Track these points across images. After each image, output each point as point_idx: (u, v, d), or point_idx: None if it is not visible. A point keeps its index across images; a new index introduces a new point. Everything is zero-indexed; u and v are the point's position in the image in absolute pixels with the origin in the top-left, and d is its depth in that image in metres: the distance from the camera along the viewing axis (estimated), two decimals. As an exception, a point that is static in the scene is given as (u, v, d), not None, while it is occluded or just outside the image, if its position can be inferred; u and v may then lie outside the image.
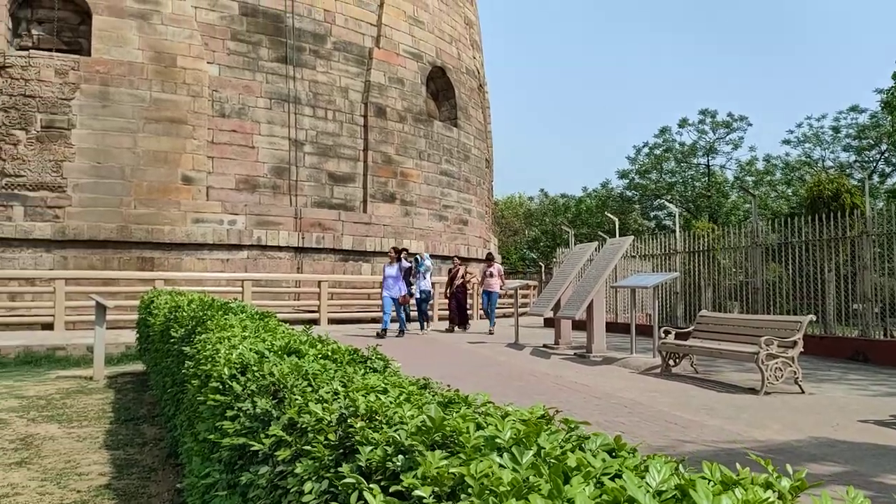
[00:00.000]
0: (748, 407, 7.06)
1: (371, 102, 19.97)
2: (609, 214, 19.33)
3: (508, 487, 1.07)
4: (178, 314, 5.45)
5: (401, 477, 1.27)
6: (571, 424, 1.47)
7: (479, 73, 26.37)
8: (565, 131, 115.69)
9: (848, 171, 36.13)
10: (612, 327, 14.46)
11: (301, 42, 18.78)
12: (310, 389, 2.06)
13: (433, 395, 1.96)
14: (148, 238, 16.20)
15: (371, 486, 1.31)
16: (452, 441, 1.35)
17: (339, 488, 1.42)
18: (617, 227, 16.74)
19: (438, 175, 22.00)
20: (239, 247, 17.28)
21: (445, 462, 1.21)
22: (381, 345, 3.28)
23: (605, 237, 16.81)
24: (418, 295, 15.16)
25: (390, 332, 14.17)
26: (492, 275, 15.90)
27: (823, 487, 1.17)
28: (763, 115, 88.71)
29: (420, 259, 15.30)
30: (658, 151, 42.25)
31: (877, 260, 11.41)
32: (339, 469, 1.49)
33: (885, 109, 28.25)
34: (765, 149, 53.12)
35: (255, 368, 2.42)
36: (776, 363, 7.90)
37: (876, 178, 35.78)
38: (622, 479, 1.06)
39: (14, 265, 15.15)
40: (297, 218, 18.19)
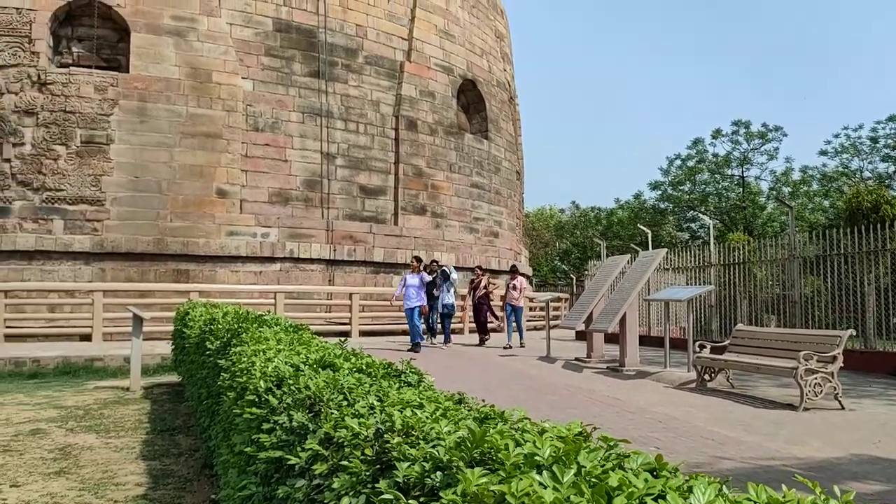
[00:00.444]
0: (786, 423, 6.91)
1: (402, 115, 20.10)
2: (641, 226, 19.16)
3: (550, 507, 1.05)
4: (213, 326, 5.52)
5: (439, 494, 1.27)
6: (611, 442, 1.45)
7: (509, 86, 26.40)
8: (597, 143, 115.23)
9: (887, 182, 35.37)
10: (645, 340, 14.30)
11: (333, 56, 19.00)
12: (345, 404, 2.07)
13: (469, 411, 1.95)
14: (183, 250, 16.45)
15: (409, 502, 1.31)
16: (491, 458, 1.34)
17: (377, 504, 1.42)
18: (650, 239, 16.57)
19: (469, 187, 22.02)
20: (272, 259, 17.46)
21: (485, 479, 1.20)
22: (415, 359, 3.28)
23: (637, 249, 16.67)
24: (441, 309, 14.75)
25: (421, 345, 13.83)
26: (515, 287, 15.32)
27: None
28: (799, 126, 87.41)
29: (447, 272, 14.83)
30: (691, 163, 41.81)
31: (919, 273, 11.13)
32: (377, 485, 1.49)
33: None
34: (801, 159, 52.26)
35: (291, 382, 2.44)
36: (815, 378, 7.73)
37: (916, 189, 34.96)
38: (666, 500, 1.05)
39: (54, 277, 15.49)
40: (328, 230, 18.34)
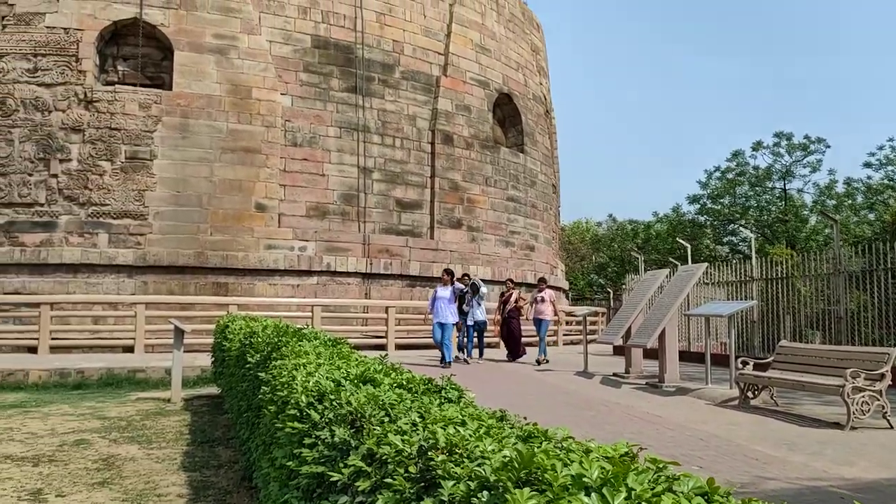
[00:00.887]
0: (832, 442, 6.72)
1: (438, 130, 20.19)
2: (681, 240, 18.90)
3: (601, 531, 1.03)
4: (253, 340, 5.58)
5: (486, 514, 1.25)
6: (659, 464, 1.42)
7: (545, 99, 26.38)
8: (633, 155, 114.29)
9: (935, 194, 34.37)
10: (685, 356, 14.07)
11: (370, 72, 19.20)
12: (387, 420, 2.07)
13: (512, 429, 1.94)
14: (223, 264, 16.70)
15: (455, 522, 1.30)
16: (538, 479, 1.33)
17: (422, 523, 1.41)
18: (689, 253, 16.33)
19: (505, 201, 22.00)
20: (309, 272, 17.63)
21: (534, 501, 1.19)
22: (455, 374, 3.27)
23: (676, 263, 16.44)
24: (470, 322, 14.44)
25: (442, 360, 13.18)
26: (542, 300, 14.76)
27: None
28: (842, 138, 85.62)
29: (477, 285, 14.53)
30: (731, 175, 41.16)
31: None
32: (421, 503, 1.48)
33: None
34: (844, 172, 51.08)
35: (332, 397, 2.44)
36: (863, 397, 7.51)
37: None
38: (721, 525, 1.02)
39: (98, 290, 15.84)
40: (365, 244, 18.46)
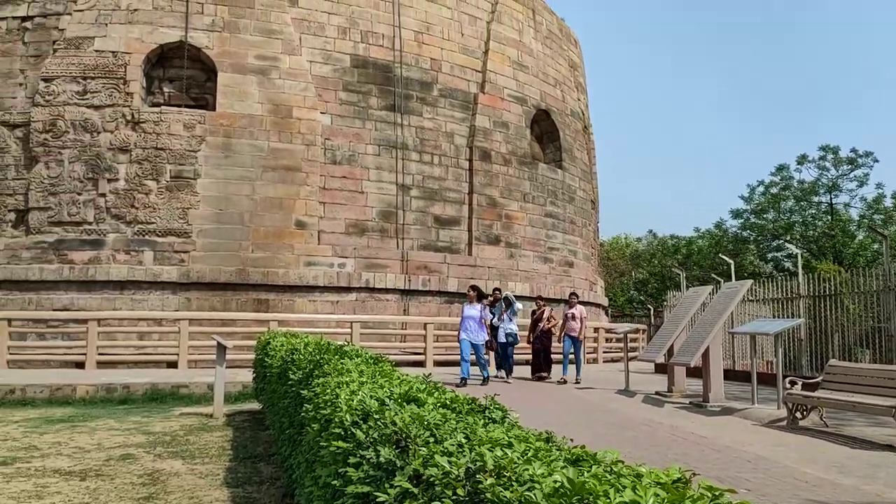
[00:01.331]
0: (885, 465, 6.50)
1: (476, 146, 20.24)
2: (724, 256, 18.57)
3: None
4: (295, 357, 5.62)
5: (538, 541, 1.23)
6: (716, 492, 1.38)
7: (583, 115, 26.28)
8: (674, 171, 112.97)
9: None
10: (730, 375, 13.76)
11: (408, 90, 19.36)
12: (433, 440, 2.06)
13: (559, 451, 1.91)
14: (263, 280, 16.91)
15: (506, 548, 1.28)
16: (591, 505, 1.30)
17: (472, 548, 1.39)
18: (733, 269, 16.03)
19: (543, 217, 21.91)
20: (348, 289, 17.75)
21: (588, 529, 1.16)
22: (499, 394, 3.25)
23: (719, 280, 16.16)
24: (503, 338, 14.00)
25: (471, 380, 12.72)
26: (573, 317, 14.22)
27: None
28: (891, 151, 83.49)
29: (510, 300, 14.27)
30: (775, 190, 40.41)
31: None
32: (470, 527, 1.46)
33: None
34: (893, 185, 49.86)
35: (377, 416, 2.44)
36: (918, 418, 7.25)
37: None
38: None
39: (144, 306, 16.16)
40: (403, 261, 18.53)
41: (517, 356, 15.28)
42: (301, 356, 5.44)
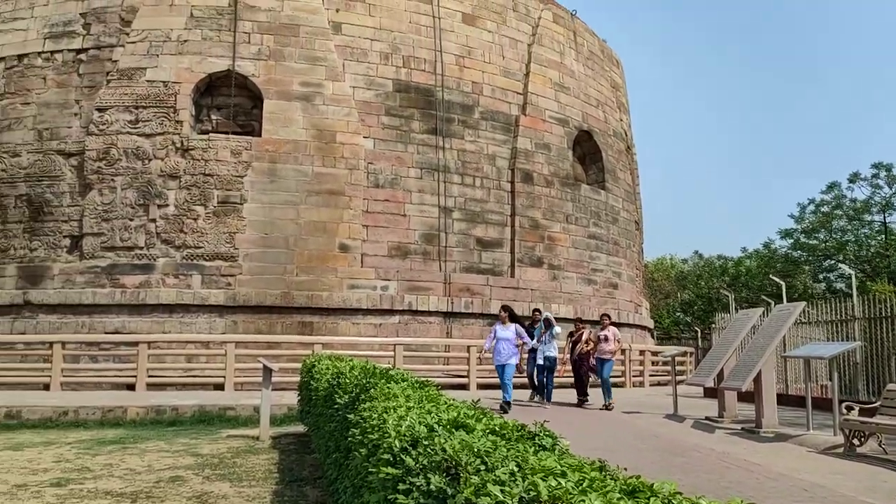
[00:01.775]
0: (955, 496, 6.20)
1: (518, 168, 20.23)
2: (774, 277, 18.13)
3: None
4: (340, 380, 5.63)
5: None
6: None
7: (626, 135, 26.10)
8: (719, 190, 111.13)
9: None
10: (782, 400, 13.35)
11: (450, 113, 19.50)
12: (484, 468, 2.03)
13: (615, 481, 1.86)
14: (308, 303, 17.07)
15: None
16: (653, 540, 1.26)
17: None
18: (784, 290, 15.62)
19: (586, 238, 21.73)
20: (391, 311, 17.81)
21: (652, 566, 1.12)
22: (549, 421, 3.20)
23: (769, 301, 15.77)
24: (541, 361, 13.50)
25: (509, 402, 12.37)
26: (606, 339, 13.73)
27: None
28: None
29: (550, 322, 13.72)
30: (826, 208, 39.42)
31: None
32: (526, 560, 1.43)
33: None
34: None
35: (426, 443, 2.42)
36: None
37: None
38: None
39: (192, 329, 16.45)
40: (446, 283, 18.54)
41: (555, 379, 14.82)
42: (347, 380, 5.46)
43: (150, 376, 15.16)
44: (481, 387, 16.96)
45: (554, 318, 14.29)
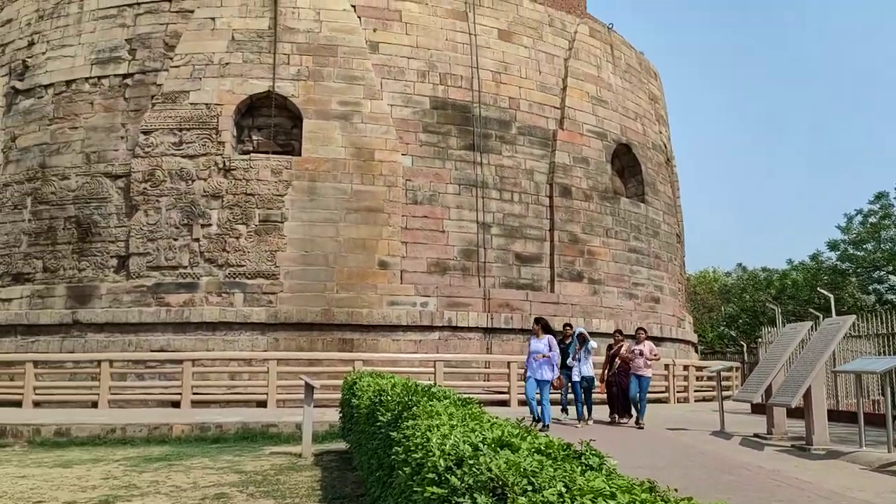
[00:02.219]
0: None
1: (556, 183, 20.15)
2: (822, 290, 17.67)
3: None
4: (382, 398, 5.64)
5: None
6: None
7: (665, 147, 25.82)
8: (764, 201, 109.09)
9: None
10: (833, 416, 12.96)
11: (487, 129, 19.53)
12: (531, 489, 2.00)
13: (665, 502, 1.82)
14: (348, 320, 17.18)
15: None
16: (711, 566, 1.22)
17: None
18: (832, 303, 15.20)
19: (627, 252, 21.50)
20: (431, 328, 17.81)
21: None
22: (595, 440, 3.15)
23: (817, 315, 15.38)
24: (576, 378, 13.00)
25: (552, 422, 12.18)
26: (641, 353, 13.14)
27: None
28: None
29: (585, 337, 13.24)
30: (874, 219, 38.36)
31: None
32: (578, 584, 1.40)
33: None
34: None
35: (472, 462, 2.40)
36: None
37: None
38: None
39: (234, 347, 16.67)
40: (485, 299, 18.49)
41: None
42: (389, 397, 5.46)
43: (194, 394, 15.38)
44: (522, 403, 16.81)
45: (588, 332, 13.76)
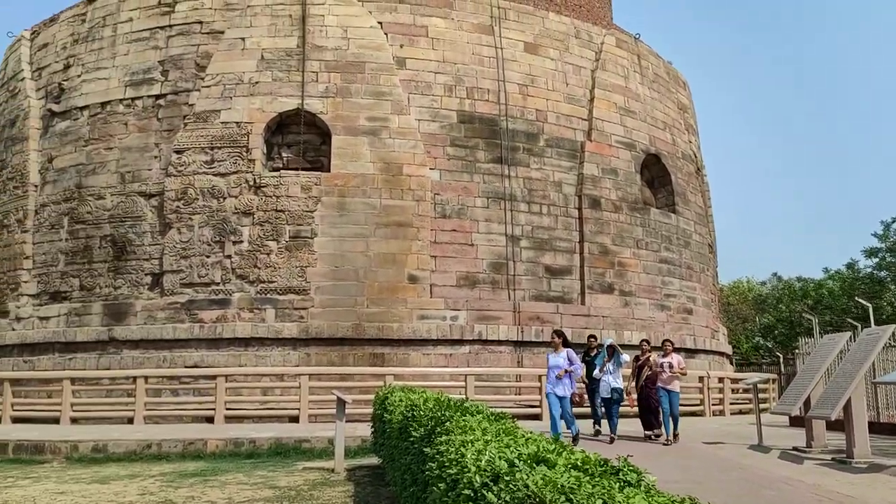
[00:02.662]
0: None
1: (585, 195, 20.04)
2: (860, 300, 17.31)
3: None
4: (415, 413, 5.63)
5: None
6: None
7: (695, 157, 25.56)
8: (796, 209, 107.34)
9: None
10: (874, 428, 12.63)
11: (515, 142, 19.52)
12: (570, 506, 1.97)
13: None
14: (378, 335, 17.21)
15: None
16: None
17: None
18: (871, 313, 14.88)
19: (658, 263, 21.27)
20: (461, 342, 17.76)
21: None
22: (633, 455, 3.10)
23: (855, 325, 15.07)
24: (606, 394, 12.40)
25: (583, 437, 11.95)
26: (670, 366, 12.53)
27: None
28: None
29: (615, 349, 12.65)
30: (913, 225, 37.50)
31: None
32: None
33: None
34: None
35: (508, 478, 2.38)
36: None
37: None
38: None
39: (266, 362, 16.80)
40: (515, 312, 18.41)
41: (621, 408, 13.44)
42: (421, 412, 5.44)
43: (227, 409, 15.51)
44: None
45: (619, 345, 13.26)
